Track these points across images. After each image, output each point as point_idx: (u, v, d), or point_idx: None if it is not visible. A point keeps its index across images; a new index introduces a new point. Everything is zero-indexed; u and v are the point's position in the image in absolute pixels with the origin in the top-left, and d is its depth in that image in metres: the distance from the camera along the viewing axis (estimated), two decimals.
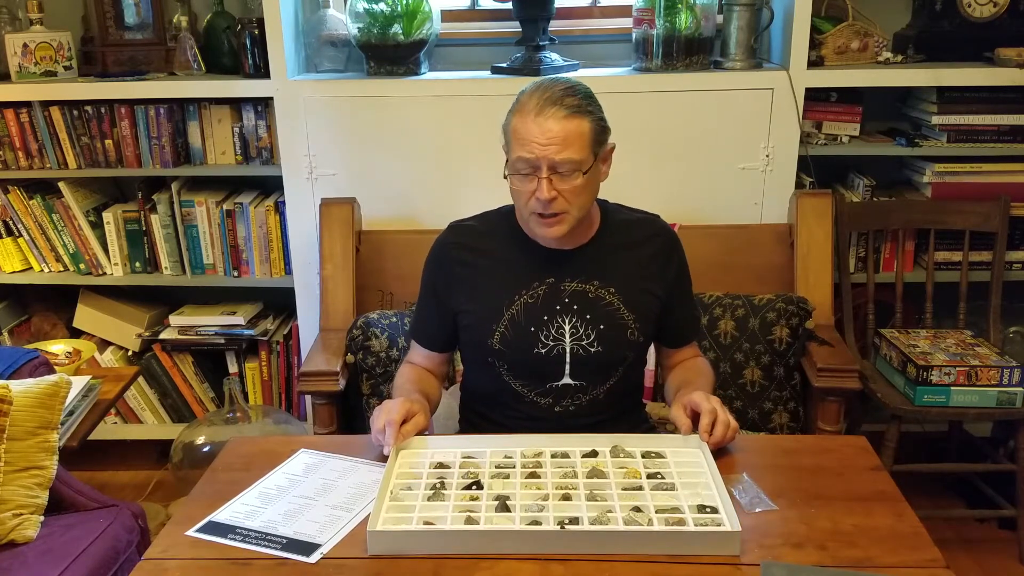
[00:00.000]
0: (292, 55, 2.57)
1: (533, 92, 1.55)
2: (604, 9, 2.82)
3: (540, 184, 1.53)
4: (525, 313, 1.66)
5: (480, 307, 1.69)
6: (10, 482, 1.80)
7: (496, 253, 1.71)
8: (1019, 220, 2.56)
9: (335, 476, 1.50)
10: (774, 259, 2.46)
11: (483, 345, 1.68)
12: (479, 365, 1.75)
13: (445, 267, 1.73)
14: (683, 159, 2.52)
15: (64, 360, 2.44)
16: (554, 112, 1.52)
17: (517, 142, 1.55)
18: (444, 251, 1.74)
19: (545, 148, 1.52)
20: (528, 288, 1.67)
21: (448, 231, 1.76)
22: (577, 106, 1.54)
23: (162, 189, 2.76)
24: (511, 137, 1.57)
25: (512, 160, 1.57)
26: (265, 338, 2.82)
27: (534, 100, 1.54)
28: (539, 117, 1.52)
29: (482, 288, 1.69)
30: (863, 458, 1.53)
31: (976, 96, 2.49)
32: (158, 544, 1.33)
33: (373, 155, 2.57)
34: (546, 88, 1.55)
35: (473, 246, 1.72)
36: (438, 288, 1.74)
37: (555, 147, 1.51)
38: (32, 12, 2.66)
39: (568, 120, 1.52)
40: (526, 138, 1.53)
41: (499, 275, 1.69)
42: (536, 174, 1.54)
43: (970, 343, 2.38)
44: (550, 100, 1.53)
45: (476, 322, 1.69)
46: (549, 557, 1.26)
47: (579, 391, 1.69)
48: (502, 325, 1.66)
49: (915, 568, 1.24)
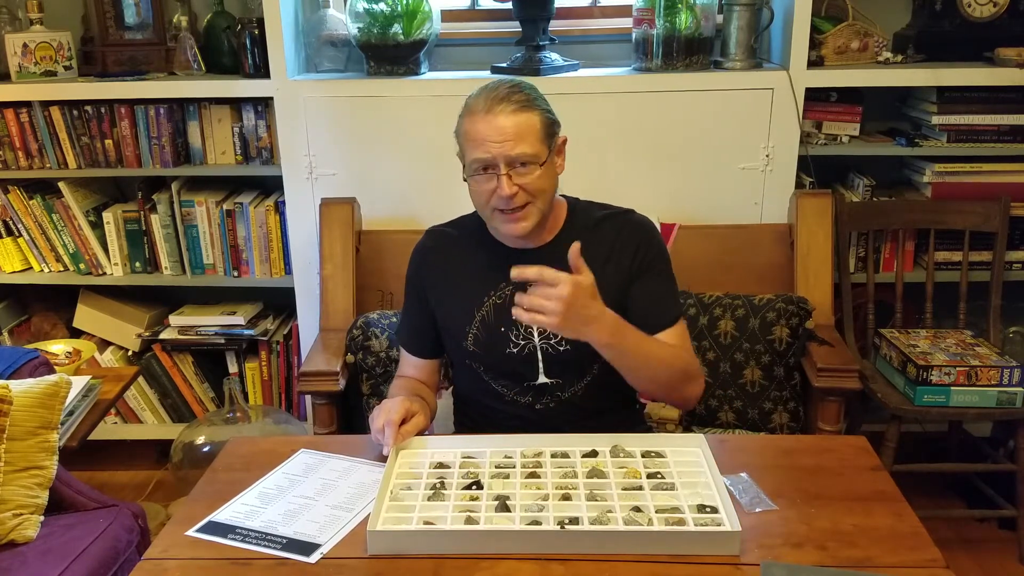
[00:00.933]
0: (292, 55, 2.57)
1: (479, 94, 1.58)
2: (604, 9, 2.82)
3: (500, 181, 1.55)
4: (494, 314, 1.68)
5: (455, 310, 1.72)
6: (10, 482, 1.80)
7: (466, 256, 1.73)
8: (1019, 220, 2.56)
9: (335, 476, 1.50)
10: (774, 259, 2.46)
11: (460, 347, 1.72)
12: (461, 368, 1.78)
13: (423, 272, 1.76)
14: (683, 159, 2.52)
15: (64, 360, 2.44)
16: (503, 108, 1.54)
17: (471, 144, 1.56)
18: (422, 256, 1.78)
19: (500, 145, 1.53)
20: (495, 289, 1.68)
21: (426, 236, 1.80)
22: (525, 101, 1.56)
23: (162, 189, 2.76)
24: (464, 140, 1.59)
25: (468, 162, 1.59)
26: (265, 338, 2.82)
27: (481, 101, 1.56)
28: (489, 115, 1.54)
29: (455, 291, 1.72)
30: (863, 458, 1.53)
31: (976, 96, 2.48)
32: (158, 544, 1.33)
33: (373, 155, 2.56)
34: (492, 89, 1.58)
35: (447, 250, 1.75)
36: (419, 293, 1.77)
37: (510, 143, 1.53)
38: (32, 12, 2.66)
39: (518, 115, 1.54)
40: (479, 138, 1.55)
41: (470, 278, 1.71)
42: (494, 172, 1.55)
43: (970, 343, 2.38)
44: (497, 99, 1.55)
45: (451, 325, 1.72)
46: (549, 557, 1.26)
47: (557, 389, 1.70)
48: (474, 327, 1.69)
49: (915, 568, 1.24)
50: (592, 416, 1.72)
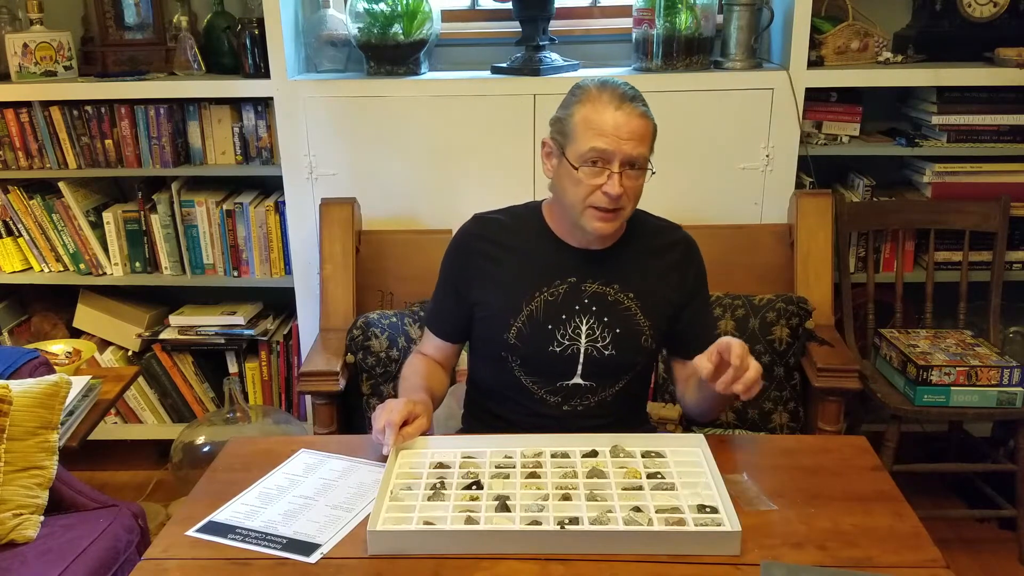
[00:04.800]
0: (292, 55, 2.57)
1: (602, 87, 1.55)
2: (604, 9, 2.82)
3: (612, 178, 1.53)
4: (544, 310, 1.65)
5: (499, 301, 1.67)
6: (10, 482, 1.80)
7: (520, 248, 1.69)
8: (1019, 220, 2.56)
9: (335, 476, 1.50)
10: (774, 259, 2.46)
11: (499, 339, 1.67)
12: (491, 359, 1.73)
13: (466, 258, 1.71)
14: (683, 159, 2.52)
15: (64, 360, 2.44)
16: (632, 109, 1.53)
17: (591, 131, 1.53)
18: (467, 242, 1.72)
19: (625, 142, 1.52)
20: (549, 285, 1.66)
21: (473, 222, 1.74)
22: (645, 106, 1.56)
23: (162, 189, 2.76)
24: (579, 128, 1.54)
25: (583, 151, 1.53)
26: (265, 338, 2.82)
27: (607, 94, 1.54)
28: (619, 111, 1.52)
29: (503, 282, 1.68)
30: (863, 458, 1.53)
31: (976, 96, 2.49)
32: (158, 544, 1.33)
33: (373, 155, 2.57)
34: (614, 86, 1.55)
35: (497, 239, 1.70)
36: (457, 279, 1.72)
37: (633, 142, 1.52)
38: (32, 12, 2.66)
39: (642, 119, 1.54)
40: (606, 129, 1.52)
41: (521, 270, 1.67)
42: (606, 167, 1.53)
43: (970, 343, 2.38)
44: (626, 96, 1.54)
45: (494, 315, 1.68)
46: (549, 557, 1.26)
47: (588, 392, 1.69)
48: (519, 320, 1.65)
49: (915, 568, 1.24)
50: (612, 422, 1.71)
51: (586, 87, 1.57)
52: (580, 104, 1.56)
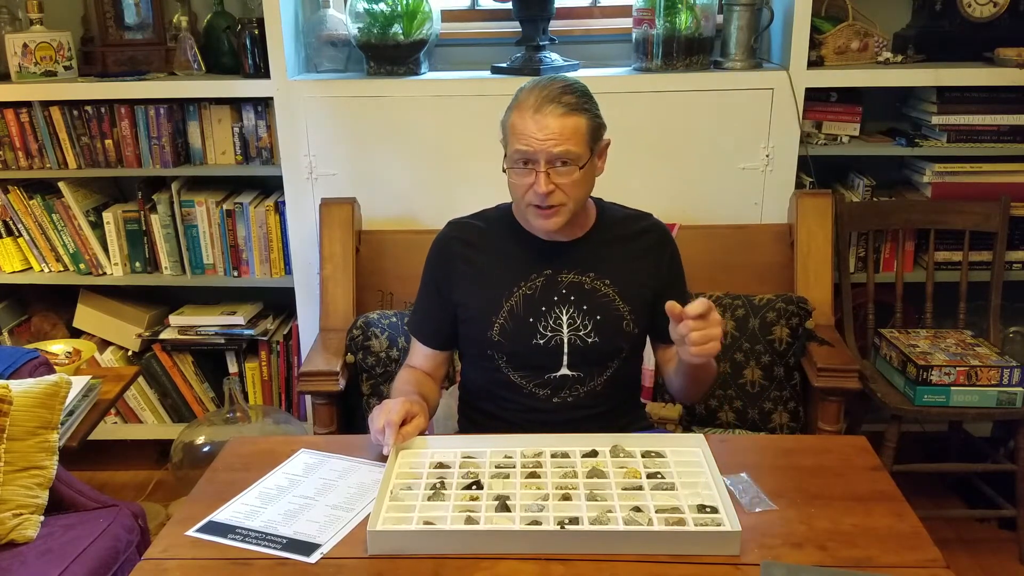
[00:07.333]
0: (292, 55, 2.57)
1: (532, 89, 1.59)
2: (604, 9, 2.82)
3: (538, 178, 1.57)
4: (524, 304, 1.68)
5: (480, 300, 1.71)
6: (10, 482, 1.80)
7: (495, 247, 1.74)
8: (1019, 220, 2.56)
9: (335, 476, 1.50)
10: (774, 259, 2.46)
11: (483, 337, 1.70)
12: (478, 359, 1.77)
13: (447, 261, 1.75)
14: (683, 159, 2.52)
15: (64, 360, 2.44)
16: (552, 109, 1.55)
17: (515, 137, 1.58)
18: (445, 246, 1.77)
19: (543, 143, 1.55)
20: (526, 279, 1.69)
21: (448, 227, 1.80)
22: (574, 104, 1.57)
23: (162, 189, 2.76)
24: (509, 132, 1.61)
25: (510, 153, 1.61)
26: (265, 338, 2.82)
27: (532, 97, 1.57)
28: (537, 114, 1.56)
29: (482, 281, 1.72)
30: (863, 458, 1.53)
31: (976, 96, 2.49)
32: (158, 544, 1.33)
33: (373, 155, 2.57)
34: (544, 86, 1.59)
35: (473, 241, 1.75)
36: (439, 283, 1.76)
37: (552, 142, 1.55)
38: (32, 12, 2.66)
39: (565, 117, 1.56)
40: (524, 133, 1.57)
41: (498, 268, 1.72)
42: (534, 168, 1.57)
43: (970, 343, 2.38)
44: (548, 98, 1.56)
45: (476, 315, 1.71)
46: (549, 557, 1.26)
47: (577, 382, 1.71)
48: (501, 317, 1.69)
49: (915, 568, 1.24)
50: (604, 411, 1.73)
51: (520, 90, 1.62)
52: (511, 109, 1.62)
